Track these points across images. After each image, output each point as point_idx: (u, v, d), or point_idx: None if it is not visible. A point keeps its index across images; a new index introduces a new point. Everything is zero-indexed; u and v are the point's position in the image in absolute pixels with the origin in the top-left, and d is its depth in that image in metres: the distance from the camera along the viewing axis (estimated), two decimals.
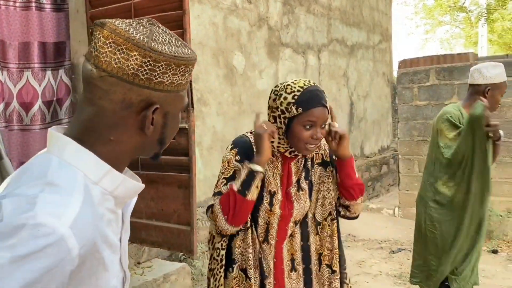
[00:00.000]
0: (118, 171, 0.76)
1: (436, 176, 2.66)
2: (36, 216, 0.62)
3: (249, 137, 1.63)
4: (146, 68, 0.72)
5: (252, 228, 1.59)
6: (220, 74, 4.14)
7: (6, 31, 2.52)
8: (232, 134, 4.12)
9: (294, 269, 1.65)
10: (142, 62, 0.72)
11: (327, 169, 1.68)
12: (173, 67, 0.74)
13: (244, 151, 1.58)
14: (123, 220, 0.83)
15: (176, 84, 0.76)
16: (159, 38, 0.74)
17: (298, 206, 1.62)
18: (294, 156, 1.60)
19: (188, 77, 0.79)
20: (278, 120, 1.55)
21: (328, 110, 1.53)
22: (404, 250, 4.47)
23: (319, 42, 5.88)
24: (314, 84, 1.56)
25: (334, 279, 1.65)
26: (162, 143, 0.82)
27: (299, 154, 1.60)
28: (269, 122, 1.55)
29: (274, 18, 4.95)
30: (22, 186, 0.68)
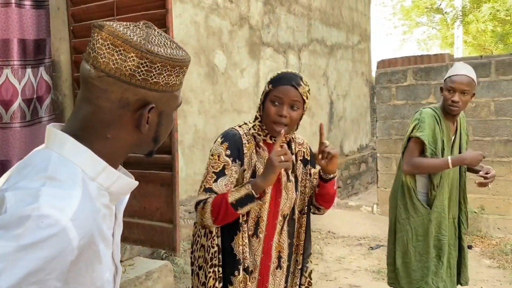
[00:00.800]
0: (113, 168, 0.79)
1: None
2: (40, 208, 0.65)
3: (239, 130, 1.65)
4: (143, 69, 0.75)
5: (243, 222, 1.61)
6: (201, 72, 4.15)
7: None
8: (213, 132, 4.14)
9: (280, 266, 1.69)
10: (139, 63, 0.75)
11: (306, 167, 1.76)
12: (168, 68, 0.78)
13: (234, 146, 1.60)
14: (116, 215, 0.87)
15: (171, 84, 0.80)
16: (155, 40, 0.77)
17: (286, 197, 1.66)
18: (273, 141, 1.64)
19: (182, 78, 0.82)
20: (260, 103, 1.64)
21: (300, 92, 1.56)
22: (382, 246, 4.56)
23: (300, 42, 5.94)
24: (297, 73, 1.63)
25: (297, 270, 1.75)
26: (157, 141, 0.85)
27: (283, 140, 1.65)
28: (287, 150, 1.53)
29: (255, 17, 4.99)
30: (24, 180, 0.71)
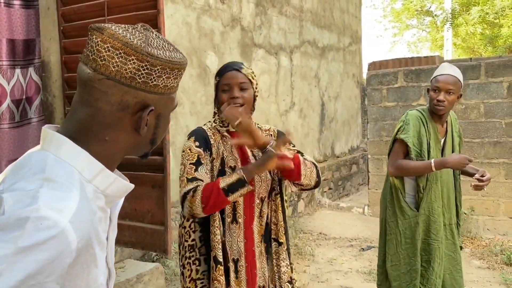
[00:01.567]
0: (110, 171, 0.79)
1: None
2: (39, 209, 0.65)
3: (203, 127, 1.76)
4: (143, 71, 0.76)
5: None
6: (193, 73, 4.14)
7: None
8: None
9: (264, 252, 1.72)
10: (140, 66, 0.75)
11: None
12: (167, 71, 0.78)
13: (201, 138, 1.70)
14: (111, 218, 0.86)
15: (169, 87, 0.80)
16: (154, 43, 0.77)
17: (259, 179, 1.70)
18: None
19: (179, 80, 0.83)
20: (214, 98, 1.76)
21: (244, 73, 1.69)
22: (373, 247, 4.58)
23: (291, 44, 5.95)
24: (238, 62, 1.77)
25: (282, 251, 1.73)
26: (154, 143, 0.85)
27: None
28: (287, 139, 1.60)
29: (247, 19, 4.98)
30: (20, 181, 0.70)
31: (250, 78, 1.69)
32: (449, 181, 2.56)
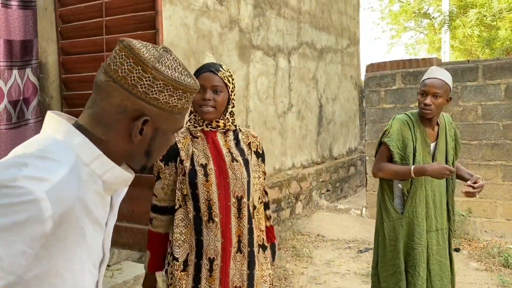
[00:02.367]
0: (109, 159, 0.85)
1: None
2: (16, 179, 0.72)
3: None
4: (145, 82, 0.82)
5: (188, 208, 1.68)
6: None
7: None
8: None
9: (240, 250, 1.71)
10: (142, 76, 0.82)
11: (259, 159, 1.84)
12: (170, 89, 0.84)
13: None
14: (113, 205, 0.92)
15: (171, 105, 0.86)
16: (166, 62, 0.85)
17: (234, 176, 1.69)
18: (212, 129, 1.73)
19: (185, 103, 0.88)
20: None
21: (220, 76, 1.68)
22: (371, 249, 4.57)
23: (289, 45, 5.95)
24: (218, 63, 1.77)
25: (267, 254, 1.82)
26: (149, 156, 0.90)
27: (219, 127, 1.73)
28: None
29: (245, 20, 4.98)
30: (18, 153, 0.79)
31: (226, 82, 1.70)
32: (441, 185, 2.53)
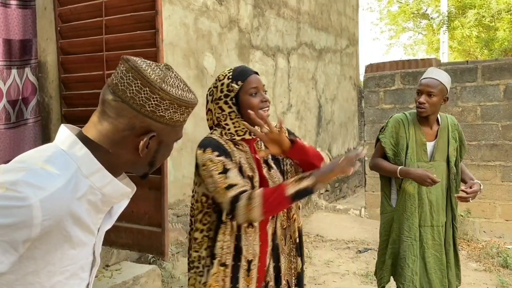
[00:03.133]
0: (109, 173, 0.89)
1: None
2: (16, 183, 0.77)
3: (214, 137, 1.67)
4: (153, 102, 0.88)
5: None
6: (191, 75, 4.12)
7: None
8: (202, 135, 4.09)
9: (273, 249, 1.73)
10: (150, 97, 0.88)
11: (290, 135, 1.79)
12: (175, 106, 0.90)
13: (217, 148, 1.62)
14: (111, 214, 0.98)
15: (175, 120, 0.92)
16: (170, 81, 0.90)
17: (273, 184, 1.67)
18: (253, 137, 1.69)
19: (186, 116, 0.95)
20: (227, 105, 1.66)
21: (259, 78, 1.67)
22: (370, 249, 4.58)
23: (289, 45, 5.95)
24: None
25: (298, 250, 1.80)
26: (152, 165, 0.96)
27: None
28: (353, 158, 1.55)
29: (245, 20, 4.98)
30: (23, 159, 0.84)
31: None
32: (441, 183, 2.57)
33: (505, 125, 5.01)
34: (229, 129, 1.67)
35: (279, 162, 1.75)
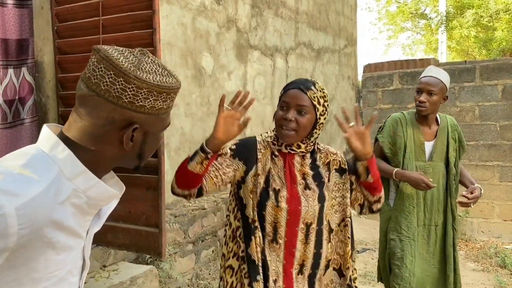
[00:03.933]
0: (94, 175, 0.85)
1: None
2: None
3: (257, 137, 1.68)
4: (130, 92, 0.82)
5: (258, 227, 1.58)
6: (188, 74, 4.11)
7: None
8: (200, 135, 4.11)
9: (301, 272, 1.63)
10: (126, 87, 0.82)
11: (343, 176, 1.70)
12: (154, 94, 0.84)
13: (244, 147, 1.64)
14: (100, 215, 0.94)
15: (157, 108, 0.86)
16: (146, 68, 0.84)
17: (307, 204, 1.59)
18: (291, 151, 1.62)
19: (169, 103, 0.89)
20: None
21: (309, 96, 1.56)
22: (368, 250, 4.57)
23: (287, 45, 5.94)
24: (312, 79, 1.64)
25: (343, 283, 1.67)
26: (141, 157, 0.92)
27: (299, 150, 1.61)
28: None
29: (243, 20, 4.97)
30: (2, 162, 0.80)
31: (315, 103, 1.56)
32: (439, 183, 2.57)
33: (503, 125, 5.02)
34: (270, 136, 1.67)
35: (321, 176, 1.66)
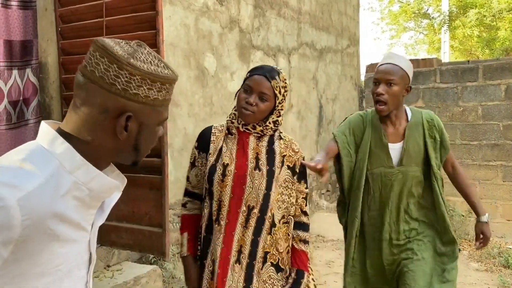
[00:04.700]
0: (94, 167, 0.86)
1: None
2: None
3: (213, 126, 1.78)
4: (123, 79, 0.83)
5: (206, 202, 1.70)
6: (191, 75, 4.13)
7: None
8: None
9: (238, 261, 1.63)
10: (119, 74, 0.82)
11: (294, 177, 1.71)
12: (148, 82, 0.84)
13: (204, 139, 1.76)
14: (104, 209, 0.95)
15: (151, 98, 0.86)
16: (141, 57, 0.85)
17: (252, 185, 1.62)
18: (247, 130, 1.69)
19: (165, 94, 0.89)
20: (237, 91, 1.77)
21: (272, 85, 1.63)
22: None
23: (289, 46, 5.95)
24: (277, 68, 1.71)
25: (281, 278, 1.68)
26: (137, 150, 0.91)
27: (254, 130, 1.68)
28: None
29: (245, 20, 4.98)
30: (3, 158, 0.81)
31: (276, 92, 1.63)
32: (409, 191, 2.18)
33: (506, 124, 5.01)
34: (230, 114, 1.76)
35: (273, 163, 1.68)
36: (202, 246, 1.67)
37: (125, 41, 0.87)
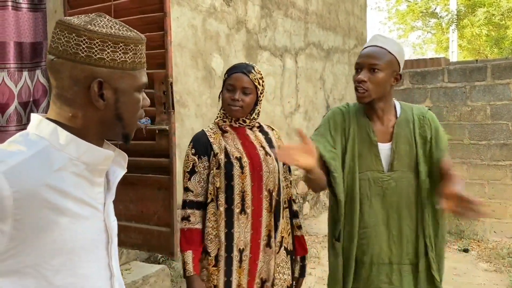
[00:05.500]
0: (83, 140, 0.86)
1: None
2: None
3: (204, 129, 1.80)
4: (84, 46, 0.83)
5: (220, 201, 1.69)
6: (199, 76, 4.14)
7: None
8: None
9: (269, 245, 1.73)
10: (79, 41, 0.83)
11: (284, 166, 1.85)
12: (110, 45, 0.84)
13: (199, 144, 1.75)
14: (110, 186, 0.95)
15: (119, 61, 0.85)
16: (100, 23, 0.85)
17: (268, 169, 1.73)
18: (240, 124, 1.77)
19: (133, 56, 0.87)
20: (220, 94, 1.81)
21: (250, 78, 1.71)
22: None
23: (296, 46, 5.95)
24: (250, 63, 1.80)
25: (288, 260, 1.80)
26: (121, 119, 0.89)
27: (245, 124, 1.77)
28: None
29: (252, 21, 4.99)
30: None
31: (256, 84, 1.74)
32: (403, 202, 1.75)
33: None
34: (219, 115, 1.81)
35: (274, 146, 1.81)
36: (226, 242, 1.69)
37: (87, 15, 0.88)
